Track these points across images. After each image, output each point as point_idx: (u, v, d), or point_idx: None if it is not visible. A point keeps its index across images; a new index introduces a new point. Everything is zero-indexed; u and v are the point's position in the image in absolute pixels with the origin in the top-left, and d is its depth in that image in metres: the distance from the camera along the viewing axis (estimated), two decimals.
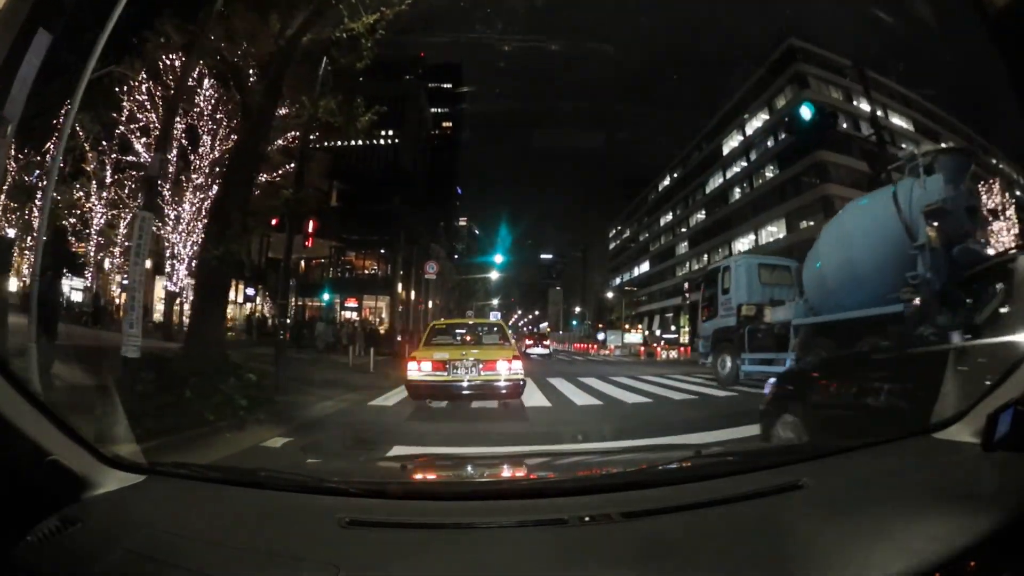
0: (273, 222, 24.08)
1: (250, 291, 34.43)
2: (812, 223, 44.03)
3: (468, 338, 9.50)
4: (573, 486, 1.57)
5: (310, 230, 14.20)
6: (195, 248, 19.17)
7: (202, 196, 19.33)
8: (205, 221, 18.69)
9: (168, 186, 18.55)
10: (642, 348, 36.06)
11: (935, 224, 8.45)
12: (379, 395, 10.00)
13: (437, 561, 1.07)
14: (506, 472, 2.23)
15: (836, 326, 9.90)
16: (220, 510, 1.34)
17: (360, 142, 66.84)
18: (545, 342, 35.56)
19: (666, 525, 1.21)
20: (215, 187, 18.20)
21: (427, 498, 1.52)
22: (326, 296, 34.38)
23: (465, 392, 7.70)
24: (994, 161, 43.02)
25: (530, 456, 3.07)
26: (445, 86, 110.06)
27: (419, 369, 7.72)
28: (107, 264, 25.63)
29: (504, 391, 7.80)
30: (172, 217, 19.37)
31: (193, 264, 21.04)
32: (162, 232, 19.20)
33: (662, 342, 38.91)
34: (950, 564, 0.97)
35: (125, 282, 29.53)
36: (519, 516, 1.27)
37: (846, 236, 10.38)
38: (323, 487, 1.48)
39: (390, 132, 69.51)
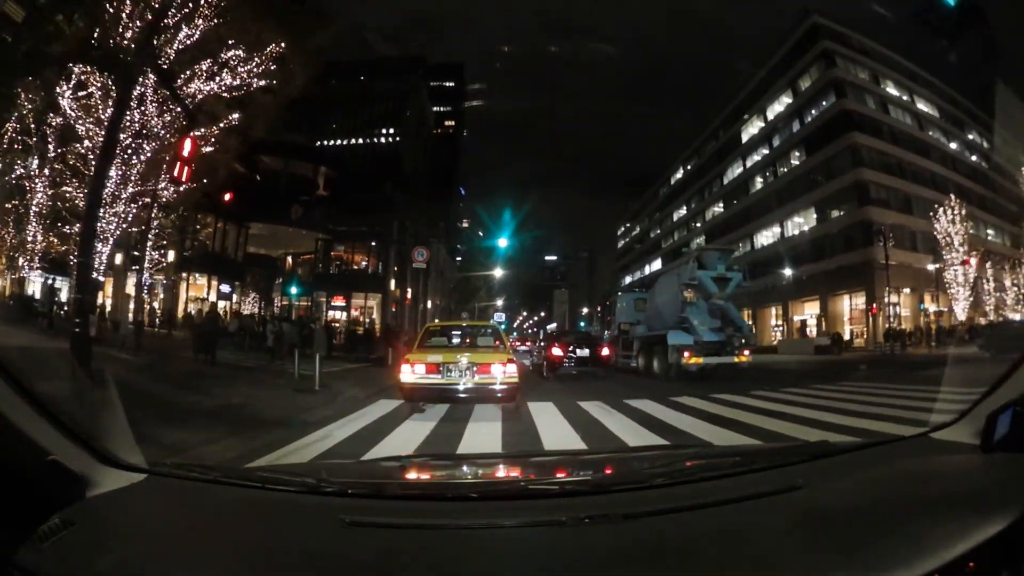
0: (227, 197, 20.76)
1: (225, 287, 30.87)
2: (842, 212, 40.74)
3: (463, 341, 9.37)
4: (573, 487, 1.58)
5: (185, 152, 9.19)
6: (126, 220, 15.42)
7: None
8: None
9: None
10: None
11: (691, 289, 16.32)
12: (279, 448, 5.56)
13: (437, 562, 1.06)
14: (506, 473, 2.24)
15: (649, 338, 17.23)
16: (220, 510, 1.33)
17: (360, 140, 64.77)
18: (526, 343, 45.88)
19: (665, 526, 1.20)
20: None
21: (427, 499, 1.52)
22: (294, 290, 30.22)
23: (459, 396, 7.70)
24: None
25: (530, 457, 3.12)
26: (448, 84, 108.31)
27: (413, 371, 7.66)
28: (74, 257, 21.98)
29: (499, 395, 7.73)
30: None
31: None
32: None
33: None
34: (949, 565, 0.96)
35: (99, 278, 26.31)
36: (518, 517, 1.26)
37: (657, 291, 18.75)
38: (323, 487, 1.48)
39: (389, 128, 67.52)
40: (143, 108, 14.43)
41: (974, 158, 47.39)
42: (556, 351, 16.14)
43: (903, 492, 1.35)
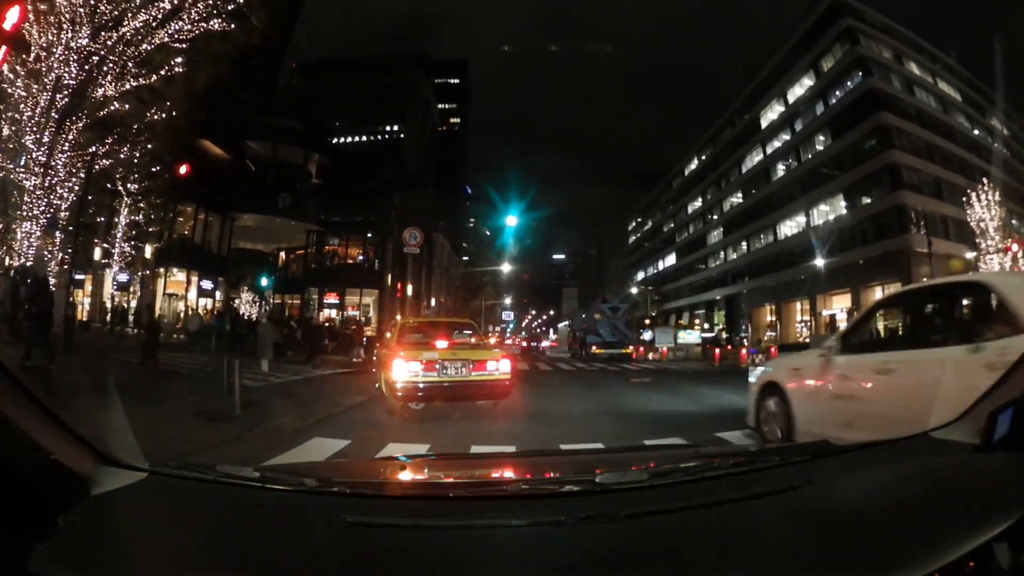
0: (183, 170, 18.38)
1: (207, 283, 28.48)
2: (873, 197, 38.06)
3: (445, 337, 8.68)
4: (573, 487, 1.58)
5: (7, 24, 6.52)
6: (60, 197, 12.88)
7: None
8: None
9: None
10: (716, 350, 27.23)
11: (600, 315, 29.40)
12: None
13: (437, 562, 1.06)
14: (506, 472, 2.24)
15: (583, 338, 30.14)
16: (220, 510, 1.32)
17: (361, 137, 62.94)
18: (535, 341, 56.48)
19: (666, 526, 1.20)
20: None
21: (428, 499, 1.52)
22: (264, 282, 27.34)
23: (457, 393, 7.54)
24: None
25: (530, 456, 3.16)
26: (452, 81, 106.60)
27: (407, 369, 7.31)
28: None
29: (496, 391, 7.70)
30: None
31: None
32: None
33: (745, 342, 30.41)
34: (949, 565, 0.96)
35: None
36: (519, 517, 1.26)
37: (586, 314, 33.57)
38: (324, 487, 1.49)
39: (392, 124, 65.62)
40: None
41: (996, 144, 44.71)
42: (523, 344, 38.15)
43: (903, 492, 1.35)
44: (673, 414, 8.71)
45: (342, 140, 60.35)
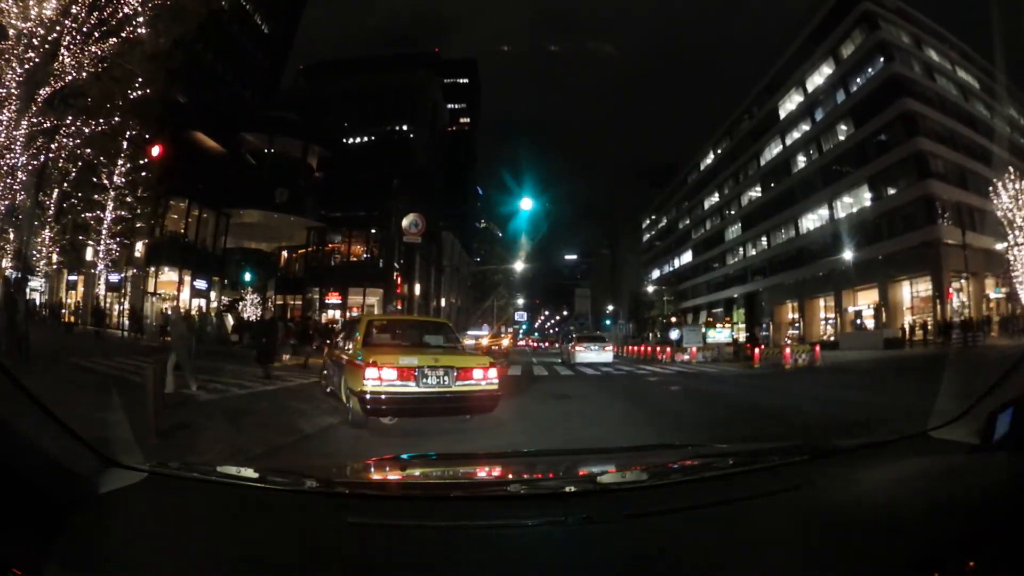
0: (156, 151, 17.21)
1: (201, 283, 27.38)
2: (899, 188, 36.20)
3: (419, 339, 8.14)
4: (574, 487, 1.57)
5: None
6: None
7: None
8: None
9: None
10: (755, 350, 22.42)
11: (574, 327, 58.28)
12: None
13: (438, 562, 1.07)
14: (507, 473, 2.23)
15: (567, 341, 31.60)
16: (220, 510, 1.32)
17: (368, 137, 62.18)
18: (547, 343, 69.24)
19: (666, 526, 1.20)
20: None
21: (429, 499, 1.51)
22: (247, 276, 26.00)
23: (439, 407, 6.80)
24: None
25: (530, 457, 3.14)
26: (462, 81, 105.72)
27: (380, 378, 6.39)
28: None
29: (483, 404, 6.99)
30: None
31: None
32: None
33: (786, 340, 27.79)
34: (949, 564, 0.97)
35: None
36: (520, 517, 1.26)
37: (567, 327, 68.88)
38: (325, 487, 1.49)
39: (400, 124, 64.76)
40: None
41: (1014, 133, 42.65)
42: (534, 345, 60.93)
43: (903, 491, 1.35)
44: None
45: (350, 140, 59.60)
